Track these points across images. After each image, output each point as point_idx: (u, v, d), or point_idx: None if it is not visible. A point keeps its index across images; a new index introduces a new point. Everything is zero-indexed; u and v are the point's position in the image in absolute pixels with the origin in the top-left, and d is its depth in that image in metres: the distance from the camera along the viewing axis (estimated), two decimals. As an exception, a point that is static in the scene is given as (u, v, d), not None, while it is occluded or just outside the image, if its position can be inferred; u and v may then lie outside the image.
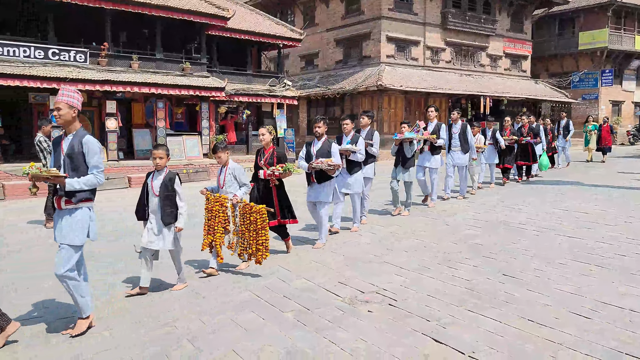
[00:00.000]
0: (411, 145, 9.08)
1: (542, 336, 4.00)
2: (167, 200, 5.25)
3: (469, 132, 10.81)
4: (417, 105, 26.59)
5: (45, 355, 3.97)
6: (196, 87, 18.12)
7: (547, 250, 6.61)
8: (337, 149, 7.24)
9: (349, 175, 7.90)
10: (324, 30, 29.35)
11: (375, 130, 8.50)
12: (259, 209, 5.69)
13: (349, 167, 7.88)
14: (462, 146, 10.75)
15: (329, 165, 6.87)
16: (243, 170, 6.14)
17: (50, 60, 15.64)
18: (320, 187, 7.08)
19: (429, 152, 9.94)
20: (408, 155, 9.02)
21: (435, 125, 10.03)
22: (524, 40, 32.55)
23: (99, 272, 6.12)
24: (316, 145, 7.18)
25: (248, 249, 5.74)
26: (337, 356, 3.77)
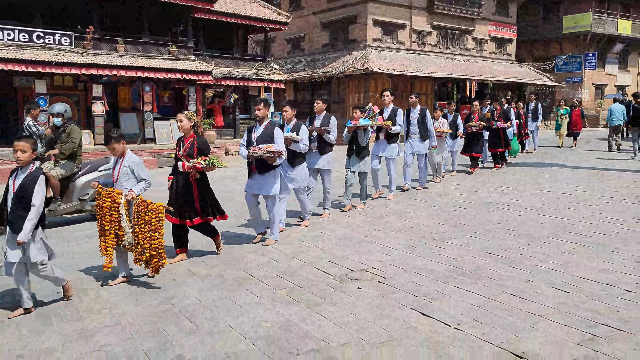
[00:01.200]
0: (365, 133, 8.29)
1: (524, 309, 4.22)
2: (20, 203, 4.36)
3: (429, 118, 9.94)
4: (404, 89, 26.72)
5: (49, 330, 4.11)
6: (183, 70, 18.09)
7: (530, 229, 6.85)
8: (281, 134, 6.42)
9: (291, 168, 6.97)
10: (310, 13, 29.27)
11: (333, 116, 7.70)
12: (156, 207, 4.97)
13: (291, 158, 6.89)
14: (420, 133, 9.82)
15: (268, 152, 6.04)
16: (141, 162, 5.37)
17: (35, 44, 15.52)
18: (262, 178, 6.32)
19: (385, 140, 9.06)
20: (362, 143, 8.27)
21: (392, 110, 9.10)
22: (509, 24, 32.72)
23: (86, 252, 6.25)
24: (257, 131, 6.37)
25: (143, 254, 4.97)
26: (328, 329, 3.96)
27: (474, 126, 12.06)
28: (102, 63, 16.22)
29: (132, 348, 3.76)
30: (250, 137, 6.39)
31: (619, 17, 35.81)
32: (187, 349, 3.70)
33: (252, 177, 6.40)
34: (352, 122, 8.22)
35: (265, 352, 3.62)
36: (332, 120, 7.64)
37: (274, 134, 6.29)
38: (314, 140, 7.50)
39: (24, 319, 4.36)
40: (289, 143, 6.75)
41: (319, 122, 7.61)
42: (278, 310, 4.36)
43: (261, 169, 6.28)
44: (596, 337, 3.69)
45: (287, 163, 6.86)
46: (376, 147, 9.15)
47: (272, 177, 6.32)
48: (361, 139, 8.27)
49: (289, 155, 6.75)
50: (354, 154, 8.35)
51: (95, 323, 4.22)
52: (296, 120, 7.07)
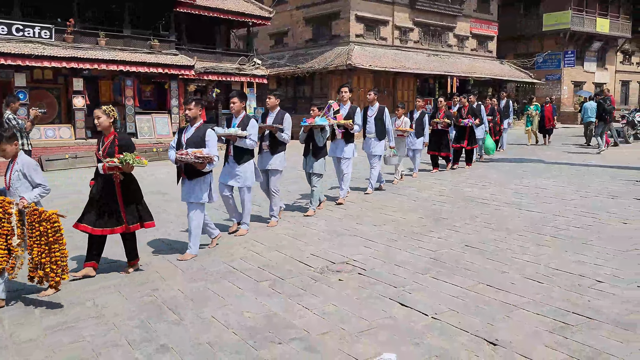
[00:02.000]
0: (323, 132, 7.73)
1: (499, 299, 4.35)
2: None
3: (387, 116, 9.29)
4: (386, 85, 26.87)
5: (30, 321, 4.14)
6: (165, 65, 17.99)
7: (507, 223, 7.01)
8: (215, 137, 5.75)
9: (237, 165, 6.48)
10: (293, 8, 29.26)
11: (287, 113, 7.20)
12: (49, 216, 4.37)
13: (238, 155, 6.47)
14: (378, 132, 9.24)
15: (197, 158, 5.45)
16: (36, 165, 4.73)
17: (14, 36, 15.33)
18: (190, 185, 5.76)
19: (343, 140, 8.51)
20: (319, 143, 7.73)
21: (350, 108, 8.48)
22: (490, 21, 33.04)
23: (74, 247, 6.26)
24: (188, 132, 5.75)
25: (40, 269, 4.41)
26: (310, 319, 4.05)
27: (439, 123, 11.58)
28: (83, 57, 16.06)
29: (115, 339, 3.81)
30: (180, 139, 5.75)
31: (597, 15, 36.37)
32: (170, 339, 3.76)
33: (182, 182, 5.84)
34: (307, 121, 7.67)
35: (248, 341, 3.70)
36: (286, 118, 7.07)
37: (207, 136, 5.68)
38: (265, 139, 7.06)
39: (5, 310, 4.37)
40: (235, 139, 6.35)
41: (271, 119, 7.09)
42: (260, 302, 4.44)
43: (190, 175, 5.72)
44: (568, 325, 3.83)
45: (233, 159, 6.50)
46: (332, 148, 8.61)
47: (201, 184, 5.75)
48: (318, 138, 7.73)
49: (235, 152, 6.46)
50: (310, 154, 7.84)
51: (78, 315, 4.25)
52: (245, 114, 6.62)
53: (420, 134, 11.15)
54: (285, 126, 7.07)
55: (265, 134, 7.07)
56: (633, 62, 41.90)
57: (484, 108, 13.57)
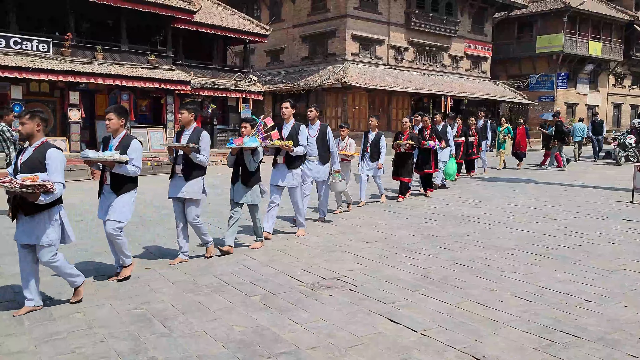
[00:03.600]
0: (255, 155, 6.50)
1: (487, 316, 4.40)
2: None
3: (330, 137, 8.15)
4: (381, 103, 27.09)
5: (19, 332, 4.14)
6: (161, 80, 18.13)
7: (497, 241, 7.08)
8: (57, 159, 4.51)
9: (115, 195, 5.32)
10: (290, 26, 29.57)
11: (205, 131, 6.15)
12: None
13: (116, 185, 5.31)
14: (320, 154, 8.11)
15: (24, 187, 4.19)
16: None
17: (12, 49, 15.43)
18: (29, 221, 4.53)
19: (285, 165, 7.31)
20: (250, 168, 6.47)
21: (292, 127, 7.35)
22: (484, 42, 33.47)
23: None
24: (26, 153, 4.56)
25: None
26: (299, 333, 4.08)
27: (402, 145, 10.28)
28: (79, 70, 16.17)
29: (104, 350, 3.81)
30: (17, 162, 4.57)
31: (589, 39, 36.90)
32: (160, 352, 3.78)
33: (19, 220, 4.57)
34: (235, 142, 6.43)
35: (237, 355, 3.72)
36: (203, 136, 6.02)
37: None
38: (178, 162, 6.06)
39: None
40: (112, 165, 5.19)
41: (186, 138, 6.02)
42: (250, 316, 4.46)
43: (27, 210, 4.48)
44: (554, 343, 3.88)
45: (110, 189, 5.33)
46: (274, 175, 7.41)
47: (43, 222, 4.51)
48: (248, 162, 6.46)
49: (113, 181, 5.29)
50: (240, 181, 6.58)
51: (68, 326, 4.26)
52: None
53: (375, 157, 9.95)
54: (203, 146, 6.01)
55: (179, 155, 6.07)
56: (625, 84, 42.46)
57: (450, 129, 12.51)
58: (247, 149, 6.41)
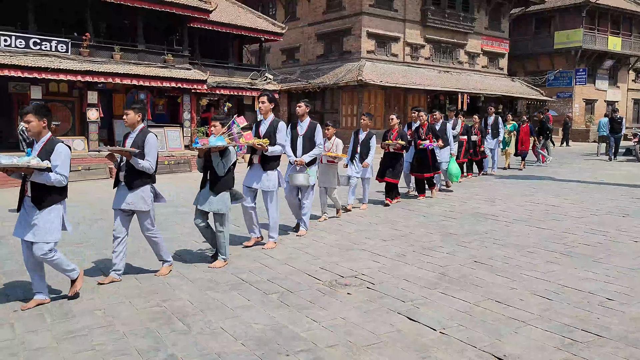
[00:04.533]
0: (225, 156, 5.81)
1: (507, 314, 4.36)
2: None
3: (319, 135, 7.44)
4: (397, 101, 26.98)
5: (42, 328, 4.19)
6: (178, 79, 18.22)
7: (516, 240, 7.00)
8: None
9: (36, 210, 4.62)
10: (305, 24, 29.55)
11: (151, 133, 5.39)
12: None
13: (38, 197, 4.64)
14: None
15: None
16: None
17: (32, 50, 15.61)
18: None
19: (260, 165, 6.60)
20: (219, 172, 5.80)
21: (270, 124, 6.61)
22: (501, 39, 33.14)
23: (84, 255, 6.33)
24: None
25: None
26: (317, 332, 4.08)
27: (391, 145, 9.45)
28: (98, 70, 16.31)
29: (124, 347, 3.85)
30: None
31: (609, 34, 36.36)
32: (179, 349, 3.80)
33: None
34: (200, 142, 5.78)
35: (256, 352, 3.72)
36: (148, 139, 5.31)
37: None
38: (122, 169, 5.39)
39: (17, 317, 4.43)
40: (30, 172, 4.53)
41: (130, 142, 5.34)
42: (269, 314, 4.47)
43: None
44: (576, 342, 3.82)
45: (32, 202, 4.65)
46: (249, 177, 6.70)
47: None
48: (217, 165, 5.80)
49: (34, 192, 4.63)
50: (208, 186, 5.91)
51: (89, 323, 4.30)
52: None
53: (365, 158, 9.16)
54: (148, 150, 5.29)
55: (122, 161, 5.39)
56: (645, 80, 41.78)
57: (450, 126, 11.66)
58: (214, 149, 5.76)
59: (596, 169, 16.42)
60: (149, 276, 5.58)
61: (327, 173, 8.26)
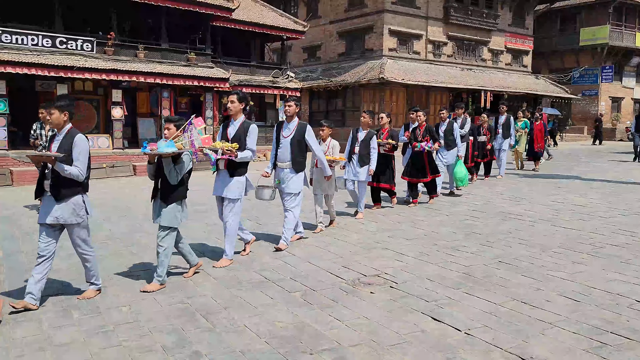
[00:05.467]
0: (178, 163, 5.14)
1: (533, 316, 4.29)
2: None
3: (311, 137, 6.63)
4: (419, 99, 26.80)
5: (69, 324, 4.25)
6: (201, 77, 18.34)
7: (542, 240, 6.90)
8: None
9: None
10: (327, 22, 29.51)
11: (80, 134, 4.72)
12: None
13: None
14: (294, 160, 6.53)
15: None
16: None
17: (58, 49, 15.84)
18: None
19: (227, 171, 5.87)
20: (172, 180, 5.11)
21: (241, 126, 5.90)
22: (525, 36, 32.70)
23: (108, 251, 6.42)
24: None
25: None
26: (341, 330, 4.06)
27: (382, 145, 8.79)
28: (122, 69, 16.50)
29: (150, 344, 3.88)
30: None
31: (636, 30, 35.63)
32: (203, 346, 3.82)
33: None
34: (148, 146, 5.06)
35: (280, 350, 3.72)
36: (76, 142, 4.64)
37: None
38: (47, 176, 4.68)
39: (43, 312, 4.50)
40: None
41: (56, 145, 4.68)
42: (292, 312, 4.47)
43: None
44: (605, 345, 3.75)
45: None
46: (216, 184, 5.99)
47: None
48: (169, 173, 5.10)
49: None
50: (159, 196, 5.26)
51: (114, 319, 4.35)
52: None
53: (366, 161, 8.38)
54: (77, 155, 4.63)
55: (48, 169, 4.69)
56: (674, 78, 40.82)
57: (457, 126, 10.76)
58: (165, 155, 5.05)
59: (624, 169, 16.10)
60: (173, 273, 5.61)
61: (323, 177, 7.33)
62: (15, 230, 7.96)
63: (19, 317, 4.39)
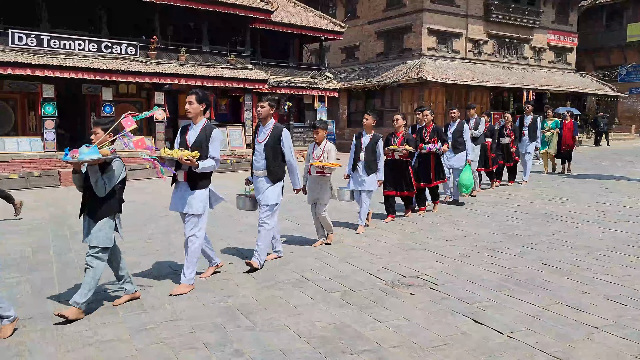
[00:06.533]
0: (107, 172, 4.58)
1: (579, 320, 4.18)
2: None
3: (286, 142, 5.86)
4: (458, 99, 26.44)
5: (115, 321, 4.37)
6: (240, 79, 18.60)
7: (588, 242, 6.71)
8: None
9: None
10: (365, 22, 29.43)
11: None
12: None
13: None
14: (269, 169, 5.85)
15: None
16: None
17: (103, 53, 16.32)
18: None
19: (187, 183, 5.16)
20: (99, 192, 4.52)
21: (202, 130, 5.15)
22: (569, 33, 31.85)
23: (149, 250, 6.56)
24: None
25: None
26: (380, 331, 4.05)
27: (396, 151, 7.95)
28: (164, 72, 16.88)
29: (192, 341, 3.95)
30: None
31: (688, 25, 34.24)
32: (244, 345, 3.87)
33: None
34: (70, 153, 4.38)
35: (320, 350, 3.74)
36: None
37: None
38: None
39: (90, 309, 4.63)
40: None
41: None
42: (331, 312, 4.48)
43: None
44: (655, 351, 3.63)
45: None
46: (174, 199, 5.28)
47: None
48: (95, 183, 4.51)
49: None
50: (87, 213, 4.67)
51: (158, 317, 4.45)
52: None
53: (373, 168, 7.50)
54: None
55: None
56: None
57: (467, 128, 9.73)
58: (92, 162, 4.40)
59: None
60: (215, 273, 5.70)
61: (317, 186, 6.66)
62: (67, 230, 8.22)
63: (67, 313, 4.53)
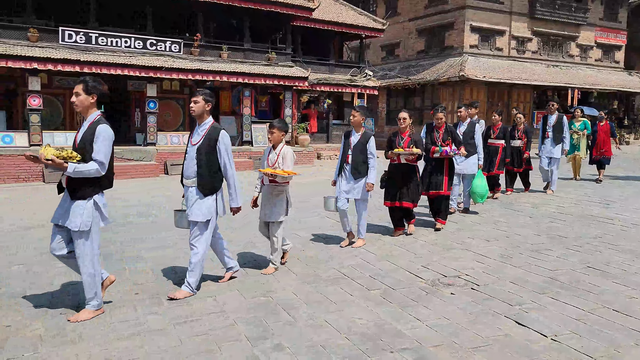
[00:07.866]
0: None
1: (626, 325, 4.08)
2: None
3: (223, 146, 5.02)
4: (500, 97, 26.00)
5: (160, 311, 4.49)
6: (280, 76, 18.74)
7: (635, 245, 6.53)
8: None
9: None
10: (406, 20, 29.22)
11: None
12: None
13: None
14: (201, 175, 4.90)
15: None
16: None
17: (148, 50, 16.70)
18: None
19: (67, 191, 4.40)
20: None
21: (89, 127, 4.36)
22: (618, 30, 30.89)
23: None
24: None
25: None
26: (421, 330, 4.05)
27: (403, 155, 6.95)
28: (207, 69, 17.15)
29: (235, 334, 4.03)
30: None
31: None
32: (285, 339, 3.93)
33: None
34: None
35: (360, 347, 3.76)
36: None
37: None
38: None
39: (137, 301, 4.77)
40: None
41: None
42: (371, 309, 4.50)
43: None
44: None
45: None
46: (58, 208, 4.47)
47: None
48: None
49: None
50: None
51: (201, 309, 4.56)
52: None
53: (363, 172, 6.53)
54: None
55: None
56: None
57: (479, 128, 8.88)
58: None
59: None
60: (256, 268, 5.79)
61: (269, 200, 5.60)
62: (110, 221, 8.46)
63: (117, 303, 4.69)
